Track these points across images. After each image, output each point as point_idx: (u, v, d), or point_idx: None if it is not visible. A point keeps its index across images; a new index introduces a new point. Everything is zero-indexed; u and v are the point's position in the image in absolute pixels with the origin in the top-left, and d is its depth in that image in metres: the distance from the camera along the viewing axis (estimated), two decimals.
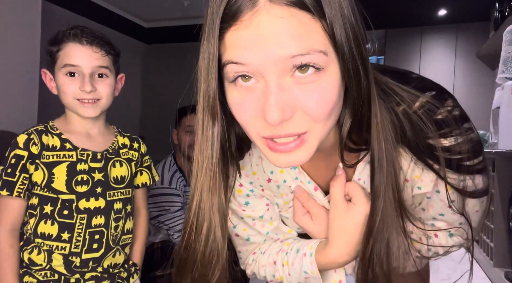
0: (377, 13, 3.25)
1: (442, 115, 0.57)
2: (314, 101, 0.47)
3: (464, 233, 0.67)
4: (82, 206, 1.04)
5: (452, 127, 0.57)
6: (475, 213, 0.65)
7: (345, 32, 0.47)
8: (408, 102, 0.58)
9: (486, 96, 4.16)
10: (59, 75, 1.04)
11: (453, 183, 0.59)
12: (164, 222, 1.78)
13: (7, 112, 2.22)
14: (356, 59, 0.48)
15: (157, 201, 1.80)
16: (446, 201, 0.62)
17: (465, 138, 0.57)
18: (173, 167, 1.86)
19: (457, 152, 0.56)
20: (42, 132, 1.04)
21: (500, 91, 2.18)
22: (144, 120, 5.94)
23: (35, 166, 1.02)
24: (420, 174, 0.62)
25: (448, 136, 0.56)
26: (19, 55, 2.99)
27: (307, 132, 0.50)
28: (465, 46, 4.41)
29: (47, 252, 1.02)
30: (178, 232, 1.78)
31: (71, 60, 1.01)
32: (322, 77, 0.47)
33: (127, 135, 1.21)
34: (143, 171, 1.24)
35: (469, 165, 0.58)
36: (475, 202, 0.63)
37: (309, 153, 0.52)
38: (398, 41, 4.71)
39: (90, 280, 1.06)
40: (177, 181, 1.83)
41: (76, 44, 1.01)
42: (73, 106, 1.05)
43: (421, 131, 0.57)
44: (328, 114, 0.49)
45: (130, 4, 4.33)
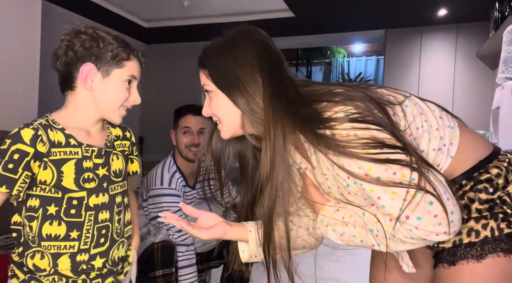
0: (377, 13, 3.26)
1: (329, 115, 0.83)
2: (212, 107, 0.95)
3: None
4: (92, 203, 1.04)
5: (335, 123, 0.81)
6: (378, 200, 0.80)
7: (217, 76, 0.92)
8: (308, 107, 0.86)
9: (486, 96, 4.16)
10: (117, 79, 1.05)
11: (336, 162, 0.82)
12: (163, 222, 1.78)
13: (7, 112, 2.22)
14: (229, 85, 0.90)
15: (157, 201, 1.80)
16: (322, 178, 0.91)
17: (347, 132, 0.80)
18: (173, 168, 1.85)
19: (334, 140, 0.80)
20: (47, 127, 1.00)
21: (500, 91, 2.18)
22: (144, 120, 5.94)
23: (44, 164, 0.98)
24: (317, 159, 0.89)
25: (332, 129, 0.81)
26: (19, 55, 2.98)
27: (220, 121, 0.95)
28: (465, 46, 4.41)
29: (52, 255, 1.00)
30: (178, 232, 1.77)
31: (135, 73, 1.10)
32: (213, 97, 0.94)
33: (117, 126, 1.20)
34: (134, 159, 1.24)
35: (349, 152, 0.79)
36: (371, 186, 0.80)
37: (223, 131, 0.96)
38: (398, 41, 4.71)
39: (96, 278, 1.06)
40: (176, 181, 1.83)
41: (137, 61, 1.12)
42: (117, 112, 1.08)
43: (314, 124, 0.83)
44: (221, 111, 0.93)
45: (130, 4, 4.33)
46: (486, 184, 0.88)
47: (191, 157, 1.84)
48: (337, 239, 0.93)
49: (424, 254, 1.04)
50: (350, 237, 0.90)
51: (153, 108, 5.76)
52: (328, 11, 4.18)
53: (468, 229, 0.87)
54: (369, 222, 0.86)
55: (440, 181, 0.80)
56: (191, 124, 1.85)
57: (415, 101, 0.93)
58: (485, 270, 0.86)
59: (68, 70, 1.03)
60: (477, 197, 0.87)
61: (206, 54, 0.95)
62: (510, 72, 2.16)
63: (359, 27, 4.77)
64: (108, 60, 1.04)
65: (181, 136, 1.85)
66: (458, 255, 0.88)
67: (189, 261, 1.78)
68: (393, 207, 0.79)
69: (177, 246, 1.77)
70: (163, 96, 5.68)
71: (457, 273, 0.88)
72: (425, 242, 0.81)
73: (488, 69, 4.27)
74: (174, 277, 1.74)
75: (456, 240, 0.89)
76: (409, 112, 0.89)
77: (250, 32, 0.94)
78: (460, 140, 0.91)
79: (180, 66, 5.62)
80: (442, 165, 0.90)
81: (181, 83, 5.55)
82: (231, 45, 0.92)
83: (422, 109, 0.91)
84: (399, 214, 0.78)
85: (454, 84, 4.48)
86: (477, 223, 0.87)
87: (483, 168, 0.89)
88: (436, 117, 0.91)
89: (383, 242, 0.83)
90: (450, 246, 0.89)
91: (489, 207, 0.87)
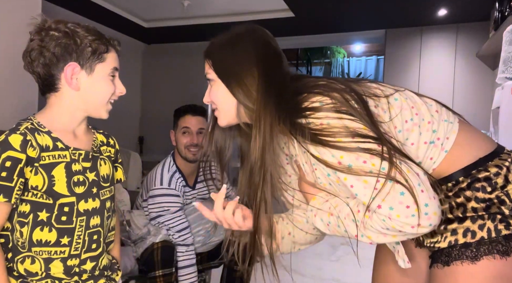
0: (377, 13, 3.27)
1: (306, 105, 0.86)
2: (212, 94, 1.00)
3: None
4: (82, 208, 1.02)
5: (310, 112, 0.84)
6: (351, 188, 0.83)
7: (219, 67, 0.97)
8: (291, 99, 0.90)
9: (486, 96, 4.16)
10: (101, 74, 1.03)
11: (313, 152, 0.85)
12: (163, 222, 1.78)
13: (6, 111, 2.22)
14: (228, 76, 0.96)
15: (156, 201, 1.80)
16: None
17: (320, 121, 0.83)
18: (172, 168, 1.85)
19: (308, 128, 0.84)
20: (34, 131, 0.97)
21: (500, 91, 2.18)
22: (144, 120, 5.93)
23: (34, 169, 0.95)
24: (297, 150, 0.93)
25: (307, 117, 0.84)
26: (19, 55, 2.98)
27: (217, 109, 1.00)
28: (465, 46, 4.41)
29: (45, 260, 0.99)
30: (178, 232, 1.77)
31: (116, 64, 1.06)
32: (214, 85, 0.99)
33: (101, 132, 1.17)
34: (118, 167, 1.21)
35: (321, 139, 0.82)
36: (344, 175, 0.82)
37: (220, 118, 1.01)
38: (398, 41, 4.71)
39: (88, 280, 1.04)
40: (176, 181, 1.83)
41: (114, 51, 1.07)
42: (104, 107, 1.06)
43: (293, 114, 0.87)
44: (219, 100, 0.98)
45: (130, 4, 4.33)
46: (484, 182, 0.87)
47: (191, 157, 1.84)
48: (325, 228, 0.95)
49: (418, 249, 1.04)
50: (335, 226, 0.91)
51: (153, 108, 5.77)
52: (328, 11, 4.18)
53: (465, 229, 0.87)
54: (350, 213, 0.87)
55: (417, 173, 0.80)
56: (190, 124, 1.85)
57: (408, 96, 0.93)
58: (480, 271, 0.85)
59: (49, 72, 0.99)
60: (474, 196, 0.86)
61: (212, 46, 1.01)
62: (510, 72, 2.15)
63: (359, 27, 4.77)
64: (89, 56, 1.00)
65: (181, 137, 1.85)
66: (453, 256, 0.87)
67: (189, 261, 1.78)
68: (366, 196, 0.80)
69: (177, 246, 1.77)
70: (163, 96, 5.68)
71: (451, 273, 0.88)
72: (403, 234, 0.81)
73: (488, 69, 4.26)
74: (174, 277, 1.74)
75: (451, 240, 0.88)
76: (397, 105, 0.90)
77: (254, 30, 1.00)
78: (458, 136, 0.90)
79: (180, 66, 5.61)
80: (435, 159, 0.90)
81: (181, 83, 5.55)
82: (235, 40, 0.98)
83: (415, 103, 0.92)
84: (369, 202, 0.80)
85: (454, 84, 4.48)
86: (473, 223, 0.86)
87: (482, 165, 0.88)
88: (431, 111, 0.91)
89: (364, 232, 0.84)
90: (446, 246, 0.89)
91: (486, 206, 0.86)
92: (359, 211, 0.86)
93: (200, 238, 1.86)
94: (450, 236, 0.88)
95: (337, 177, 0.87)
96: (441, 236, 0.90)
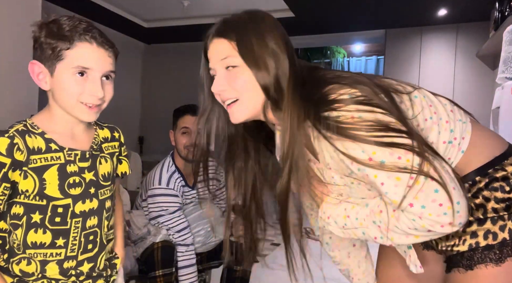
0: (377, 13, 3.26)
1: (334, 97, 0.80)
2: (236, 83, 0.87)
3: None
4: (78, 210, 0.99)
5: (339, 105, 0.79)
6: (381, 186, 0.77)
7: (247, 50, 0.86)
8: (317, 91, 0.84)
9: (486, 96, 4.16)
10: (63, 73, 0.93)
11: (339, 147, 0.79)
12: (163, 222, 1.78)
13: (6, 110, 2.22)
14: (258, 63, 0.85)
15: (155, 201, 1.79)
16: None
17: (351, 114, 0.77)
18: (172, 168, 1.85)
19: (338, 122, 0.78)
20: (24, 133, 0.93)
21: (500, 91, 2.18)
22: (144, 120, 5.94)
23: (23, 173, 0.92)
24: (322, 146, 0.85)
25: (336, 110, 0.79)
26: (19, 55, 2.99)
27: (239, 99, 0.88)
28: (465, 46, 4.42)
29: (40, 262, 0.97)
30: (177, 232, 1.77)
31: (84, 63, 0.93)
32: (239, 71, 0.87)
33: (105, 126, 1.12)
34: (123, 160, 1.16)
35: (352, 134, 0.76)
36: (375, 171, 0.77)
37: (241, 111, 0.89)
38: (398, 41, 4.71)
39: (87, 279, 1.03)
40: (175, 181, 1.82)
41: (91, 46, 0.94)
42: (74, 109, 0.96)
43: (319, 107, 0.81)
44: (245, 89, 0.87)
45: (130, 4, 4.33)
46: (502, 182, 0.84)
47: (190, 157, 1.84)
48: (339, 231, 0.90)
49: (433, 255, 1.01)
50: (352, 229, 0.87)
51: (153, 108, 5.77)
52: (328, 11, 4.18)
53: (485, 231, 0.84)
54: (372, 213, 0.84)
55: (447, 170, 0.77)
56: (189, 124, 1.84)
57: (424, 94, 0.90)
58: (505, 274, 0.82)
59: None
60: (493, 196, 0.84)
61: (230, 25, 0.90)
62: (510, 72, 2.15)
63: (359, 27, 4.78)
64: (49, 55, 0.93)
65: (180, 137, 1.85)
66: (475, 259, 0.84)
67: (189, 261, 1.78)
68: (397, 194, 0.76)
69: (177, 246, 1.77)
70: (163, 96, 5.69)
71: (474, 277, 0.85)
72: (430, 234, 0.78)
73: (488, 69, 4.27)
74: (174, 277, 1.74)
75: (472, 243, 0.85)
76: (418, 103, 0.86)
77: (267, 14, 0.93)
78: (472, 136, 0.88)
79: (180, 66, 5.62)
80: (453, 159, 0.87)
81: (181, 83, 5.55)
82: (256, 21, 0.89)
83: (432, 101, 0.89)
84: (402, 200, 0.75)
85: (454, 84, 4.48)
86: (494, 224, 0.84)
87: (498, 164, 0.85)
88: (447, 111, 0.89)
89: (385, 234, 0.81)
90: (466, 250, 0.86)
91: (506, 206, 0.83)
92: (382, 211, 0.82)
93: (200, 238, 1.86)
94: (470, 239, 0.86)
95: (361, 175, 0.81)
96: (459, 239, 0.87)
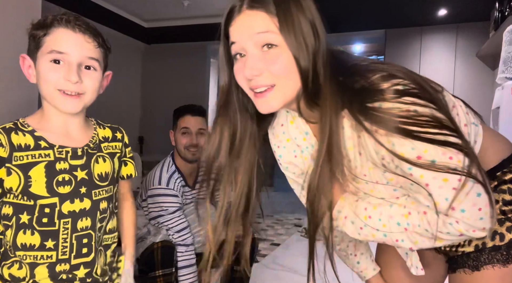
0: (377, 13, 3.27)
1: (387, 86, 0.71)
2: (275, 65, 0.75)
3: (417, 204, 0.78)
4: (66, 210, 0.95)
5: (393, 95, 0.70)
6: (426, 187, 0.71)
7: (291, 24, 0.73)
8: (360, 78, 0.75)
9: (486, 96, 4.16)
10: (41, 61, 0.91)
11: (384, 142, 0.71)
12: (163, 222, 1.78)
13: (6, 110, 2.22)
14: (301, 44, 0.74)
15: (155, 201, 1.80)
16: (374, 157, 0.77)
17: (401, 106, 0.69)
18: (172, 168, 1.85)
19: (391, 114, 0.69)
20: (11, 131, 0.92)
21: (500, 91, 2.18)
22: (144, 120, 5.94)
23: (7, 170, 0.90)
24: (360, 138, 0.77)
25: (390, 101, 0.70)
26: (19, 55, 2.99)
27: (276, 85, 0.76)
28: (465, 46, 4.41)
29: (30, 265, 0.93)
30: (177, 233, 1.77)
31: (59, 47, 0.90)
32: (279, 51, 0.74)
33: (108, 126, 1.09)
34: (127, 161, 1.13)
35: (404, 128, 0.68)
36: (421, 171, 0.70)
37: (277, 99, 0.77)
38: (398, 41, 4.71)
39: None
40: (175, 181, 1.82)
41: (67, 30, 0.92)
42: (54, 98, 0.93)
43: (362, 98, 0.73)
44: (284, 73, 0.75)
45: (130, 4, 4.34)
46: (510, 184, 0.84)
47: (190, 158, 1.84)
48: (354, 233, 0.84)
49: (433, 254, 1.00)
50: (372, 230, 0.82)
51: (153, 108, 5.77)
52: (328, 12, 4.17)
53: (492, 232, 0.81)
54: (396, 215, 0.79)
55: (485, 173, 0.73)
56: (189, 125, 1.84)
57: (447, 94, 0.86)
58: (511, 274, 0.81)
59: None
60: (501, 198, 0.83)
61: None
62: (510, 72, 2.15)
63: (359, 27, 4.78)
64: (32, 46, 0.93)
65: (180, 137, 1.85)
66: (482, 260, 0.83)
67: (189, 261, 1.78)
68: (440, 196, 0.70)
69: (177, 246, 1.77)
70: (163, 96, 5.69)
71: (481, 278, 0.84)
72: (459, 239, 0.75)
73: (488, 69, 4.27)
74: (174, 277, 1.74)
75: (478, 244, 0.84)
76: (449, 102, 0.81)
77: None
78: (483, 139, 0.86)
79: (180, 66, 5.62)
80: None
81: (181, 83, 5.55)
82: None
83: (454, 103, 0.85)
84: (450, 203, 0.69)
85: (454, 84, 4.48)
86: (501, 226, 0.83)
87: (506, 167, 0.85)
88: (464, 113, 0.85)
89: (410, 237, 0.77)
90: (472, 250, 0.85)
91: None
92: (410, 213, 0.77)
93: (200, 238, 1.86)
94: (476, 239, 0.84)
95: (404, 173, 0.74)
96: (464, 240, 0.86)
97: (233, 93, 0.84)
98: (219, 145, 0.86)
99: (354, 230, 0.84)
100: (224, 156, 0.87)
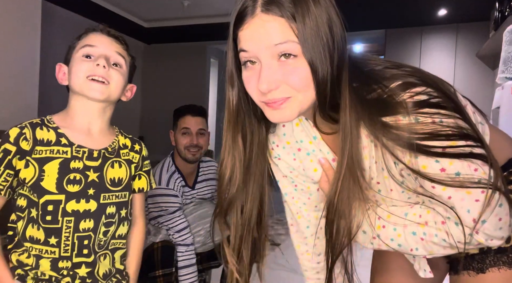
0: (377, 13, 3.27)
1: (407, 96, 0.66)
2: (293, 78, 0.68)
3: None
4: (70, 208, 0.97)
5: (415, 108, 0.65)
6: (448, 200, 0.68)
7: (310, 32, 0.66)
8: (376, 87, 0.70)
9: (486, 96, 4.16)
10: (74, 58, 1.01)
11: (402, 158, 0.68)
12: (163, 222, 1.79)
13: (7, 112, 2.22)
14: (320, 53, 0.66)
15: (155, 201, 1.80)
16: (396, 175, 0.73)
17: (423, 119, 0.65)
18: (172, 168, 1.85)
19: (411, 131, 0.65)
20: (36, 126, 0.98)
21: (500, 91, 2.18)
22: (143, 120, 5.94)
23: (26, 162, 0.95)
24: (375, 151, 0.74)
25: (411, 114, 0.65)
26: (19, 55, 2.99)
27: (291, 97, 0.70)
28: (465, 46, 4.42)
29: (35, 256, 0.97)
30: (178, 232, 1.77)
31: (90, 41, 1.01)
32: (298, 62, 0.67)
33: (129, 137, 1.14)
34: (142, 175, 1.15)
35: (426, 145, 0.65)
36: (440, 186, 0.67)
37: (292, 111, 0.71)
38: (398, 41, 4.71)
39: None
40: (175, 182, 1.82)
41: (101, 34, 1.04)
42: (82, 86, 0.98)
43: (379, 111, 0.68)
44: (303, 86, 0.68)
45: (130, 4, 4.34)
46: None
47: (190, 158, 1.84)
48: (366, 242, 0.81)
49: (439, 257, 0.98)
50: (385, 240, 0.79)
51: (153, 108, 5.77)
52: None
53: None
54: (412, 224, 0.76)
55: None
56: (190, 125, 1.84)
57: (458, 95, 0.83)
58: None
59: None
60: None
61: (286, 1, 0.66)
62: (510, 72, 2.15)
63: (359, 27, 4.78)
64: (68, 53, 1.04)
65: (180, 137, 1.85)
66: (487, 262, 0.81)
67: (189, 261, 1.78)
68: (462, 208, 0.68)
69: (177, 246, 1.77)
70: (163, 96, 5.69)
71: (486, 281, 0.82)
72: (476, 247, 0.74)
73: (488, 69, 4.27)
74: (174, 277, 1.74)
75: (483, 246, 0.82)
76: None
77: None
78: (489, 138, 0.84)
79: (180, 66, 5.62)
80: None
81: (181, 83, 5.55)
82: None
83: (463, 103, 0.81)
84: (474, 216, 0.67)
85: (454, 84, 4.44)
86: None
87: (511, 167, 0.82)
88: (472, 113, 0.81)
89: (426, 247, 0.75)
90: (477, 252, 0.83)
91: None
92: (427, 222, 0.74)
93: (200, 238, 1.86)
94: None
95: (428, 187, 0.71)
96: None
97: (241, 101, 0.79)
98: (233, 158, 0.82)
99: (367, 240, 0.81)
100: (239, 167, 0.83)
